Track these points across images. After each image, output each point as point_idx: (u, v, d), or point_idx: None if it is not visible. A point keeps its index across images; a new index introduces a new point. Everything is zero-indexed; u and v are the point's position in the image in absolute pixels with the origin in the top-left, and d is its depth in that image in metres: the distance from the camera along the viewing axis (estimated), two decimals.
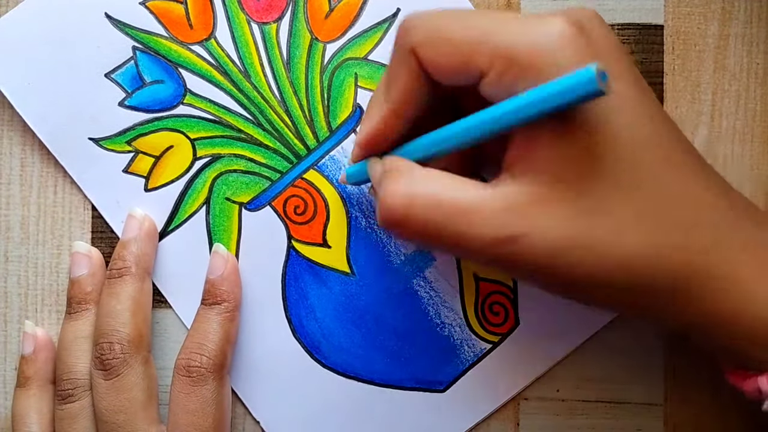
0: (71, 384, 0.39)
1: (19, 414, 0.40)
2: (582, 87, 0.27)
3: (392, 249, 0.41)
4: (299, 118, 0.41)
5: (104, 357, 0.38)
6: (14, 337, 0.42)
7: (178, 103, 0.41)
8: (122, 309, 0.39)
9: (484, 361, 0.41)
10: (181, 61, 0.41)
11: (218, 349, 0.39)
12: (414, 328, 0.41)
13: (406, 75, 0.33)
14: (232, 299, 0.40)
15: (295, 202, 0.41)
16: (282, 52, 0.41)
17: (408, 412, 0.41)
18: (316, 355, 0.41)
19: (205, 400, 0.38)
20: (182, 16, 0.41)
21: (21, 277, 0.42)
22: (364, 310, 0.41)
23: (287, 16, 0.41)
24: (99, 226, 0.42)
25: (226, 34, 0.41)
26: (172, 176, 0.41)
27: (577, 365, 0.41)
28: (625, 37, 0.41)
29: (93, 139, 0.41)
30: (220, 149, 0.41)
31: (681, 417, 0.41)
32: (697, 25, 0.41)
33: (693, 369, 0.41)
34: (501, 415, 0.41)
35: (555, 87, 0.28)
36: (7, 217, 0.42)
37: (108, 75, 0.41)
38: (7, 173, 0.42)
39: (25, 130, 0.42)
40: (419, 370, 0.41)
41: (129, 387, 0.38)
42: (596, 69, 0.26)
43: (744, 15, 0.40)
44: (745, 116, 0.41)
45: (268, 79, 0.41)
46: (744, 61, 0.40)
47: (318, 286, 0.41)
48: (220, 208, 0.41)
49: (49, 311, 0.42)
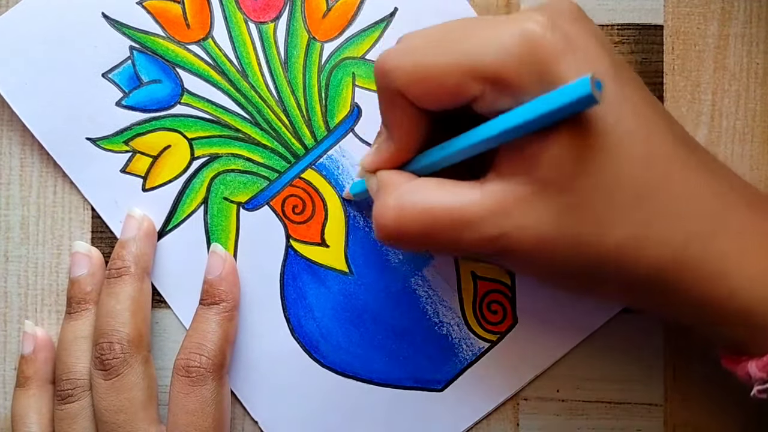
0: (71, 384, 0.39)
1: (19, 414, 0.40)
2: (579, 102, 0.27)
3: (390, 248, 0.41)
4: (297, 118, 0.41)
5: (104, 357, 0.38)
6: (14, 337, 0.42)
7: (175, 103, 0.41)
8: (122, 309, 0.39)
9: (482, 359, 0.41)
10: (178, 61, 0.41)
11: (217, 349, 0.39)
12: (412, 327, 0.41)
13: (400, 115, 0.33)
14: (230, 299, 0.40)
15: (294, 201, 0.41)
16: (279, 52, 0.41)
17: (406, 411, 0.41)
18: (314, 355, 0.41)
19: (205, 400, 0.38)
20: (179, 15, 0.41)
21: (21, 277, 0.42)
22: (363, 309, 0.41)
23: (285, 15, 0.41)
24: (99, 226, 0.42)
25: (224, 33, 0.41)
26: (169, 176, 0.41)
27: (577, 365, 0.41)
28: (625, 37, 0.41)
29: (90, 139, 0.41)
30: (217, 149, 0.41)
31: (681, 417, 0.41)
32: (697, 25, 0.40)
33: (693, 369, 0.41)
34: (501, 415, 0.41)
35: (551, 102, 0.28)
36: (7, 217, 0.42)
37: (105, 75, 0.41)
38: (7, 173, 0.42)
39: (24, 130, 0.42)
40: (417, 369, 0.41)
41: (129, 387, 0.38)
42: (591, 79, 0.26)
43: (744, 15, 0.40)
44: (745, 116, 0.40)
45: (265, 79, 0.41)
46: (744, 61, 0.40)
47: (316, 286, 0.41)
48: (218, 208, 0.41)
49: (48, 311, 0.42)
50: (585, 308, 0.41)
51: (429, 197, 0.32)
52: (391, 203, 0.33)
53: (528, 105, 0.29)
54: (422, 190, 0.32)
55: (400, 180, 0.34)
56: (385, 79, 0.33)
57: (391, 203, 0.33)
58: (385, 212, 0.33)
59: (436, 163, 0.34)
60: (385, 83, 0.33)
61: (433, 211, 0.32)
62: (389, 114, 0.34)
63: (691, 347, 0.41)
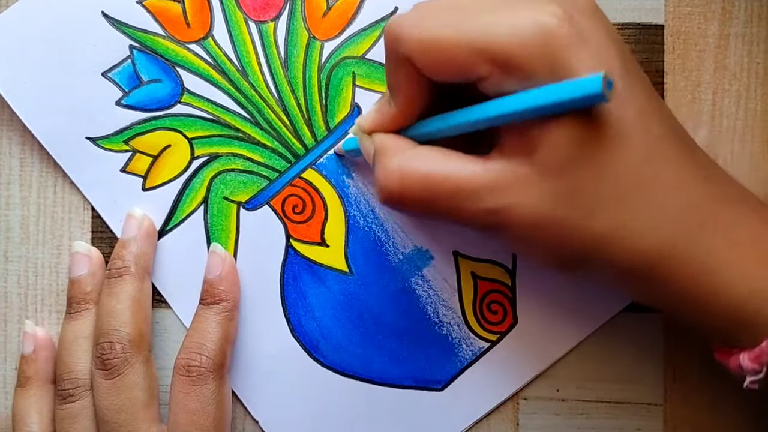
0: (72, 384, 0.39)
1: (20, 414, 0.40)
2: (588, 98, 0.28)
3: (390, 248, 0.41)
4: (297, 117, 0.41)
5: (105, 356, 0.38)
6: (14, 337, 0.42)
7: (175, 102, 0.41)
8: (122, 308, 0.39)
9: (482, 359, 0.41)
10: (178, 60, 0.41)
11: (218, 349, 0.39)
12: (412, 326, 0.41)
13: (405, 80, 0.34)
14: (230, 299, 0.40)
15: (294, 201, 0.41)
16: (279, 51, 0.41)
17: (406, 410, 0.41)
18: (314, 354, 0.41)
19: (206, 399, 0.38)
20: (179, 14, 0.41)
21: (21, 277, 0.42)
22: (363, 309, 0.41)
23: (285, 14, 0.41)
24: (99, 226, 0.42)
25: (224, 32, 0.41)
26: (169, 176, 0.41)
27: (577, 365, 0.41)
28: (626, 36, 0.41)
29: (90, 139, 0.41)
30: (218, 148, 0.41)
31: (681, 417, 0.41)
32: (697, 24, 0.40)
33: (693, 369, 0.41)
34: (501, 415, 0.41)
35: (561, 93, 0.28)
36: (7, 217, 0.42)
37: (105, 74, 0.41)
38: (7, 173, 0.42)
39: (24, 130, 0.41)
40: (418, 368, 0.41)
41: (130, 386, 0.38)
42: (603, 78, 0.27)
43: (744, 15, 0.40)
44: (745, 116, 0.40)
45: (265, 78, 0.41)
46: (744, 60, 0.40)
47: (316, 285, 0.41)
48: (219, 208, 0.41)
49: (49, 311, 0.42)
50: (585, 308, 0.41)
51: (433, 165, 0.33)
52: (395, 167, 0.33)
53: (536, 91, 0.29)
54: (426, 158, 0.33)
55: (402, 145, 0.34)
56: (395, 44, 0.33)
57: (395, 167, 0.33)
58: (388, 175, 0.33)
59: (433, 133, 0.34)
60: (394, 48, 0.33)
61: (435, 179, 0.32)
62: (394, 77, 0.34)
63: (691, 347, 0.41)
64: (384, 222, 0.41)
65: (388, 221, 0.41)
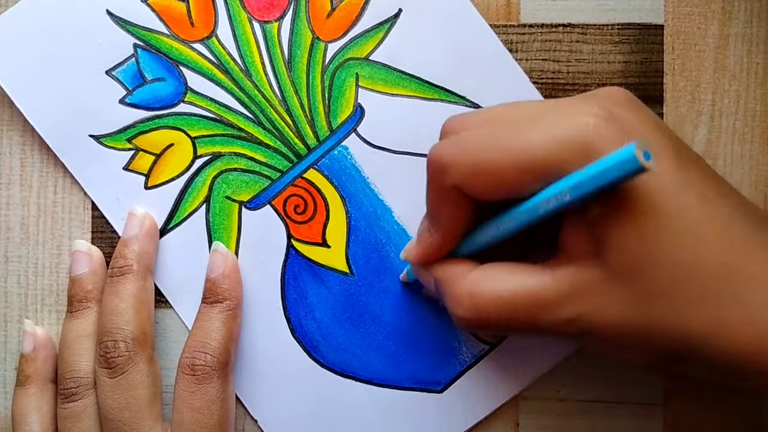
0: (74, 383, 0.39)
1: (20, 413, 0.40)
2: (623, 165, 0.27)
3: (391, 249, 0.41)
4: (300, 118, 0.41)
5: (109, 355, 0.38)
6: (14, 337, 0.42)
7: (178, 101, 0.41)
8: (125, 307, 0.39)
9: (482, 362, 0.41)
10: (182, 59, 0.41)
11: (222, 348, 0.39)
12: (413, 328, 0.41)
13: (453, 208, 0.34)
14: (233, 297, 0.40)
15: (295, 201, 0.41)
16: (283, 51, 0.41)
17: (406, 412, 0.41)
18: (314, 355, 0.41)
19: (210, 398, 0.38)
20: (183, 13, 0.41)
21: (21, 277, 0.42)
22: (363, 309, 0.41)
23: (289, 14, 0.41)
24: (99, 226, 0.42)
25: (228, 32, 0.41)
26: (172, 174, 0.41)
27: (577, 365, 0.41)
28: (625, 37, 0.41)
29: (93, 137, 0.41)
30: (220, 148, 0.41)
31: (681, 417, 0.41)
32: (697, 24, 0.41)
33: None
34: (501, 415, 0.41)
35: (596, 168, 0.28)
36: (7, 217, 0.42)
37: (109, 72, 0.41)
38: (7, 173, 0.42)
39: (25, 130, 0.42)
40: (417, 370, 0.41)
41: (134, 385, 0.38)
42: (636, 146, 0.26)
43: (744, 15, 0.41)
44: (745, 116, 0.41)
45: (269, 78, 0.41)
46: (744, 60, 0.41)
47: (317, 286, 0.41)
48: (220, 207, 0.41)
49: (49, 311, 0.42)
50: None
51: (501, 284, 0.32)
52: (464, 293, 0.33)
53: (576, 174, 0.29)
54: (492, 278, 0.33)
55: (463, 270, 0.34)
56: (442, 174, 0.33)
57: (464, 293, 0.33)
58: (460, 304, 0.33)
59: (489, 244, 0.34)
60: (440, 178, 0.33)
61: (507, 298, 0.32)
62: (440, 207, 0.34)
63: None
64: (385, 223, 0.41)
65: (389, 223, 0.41)
